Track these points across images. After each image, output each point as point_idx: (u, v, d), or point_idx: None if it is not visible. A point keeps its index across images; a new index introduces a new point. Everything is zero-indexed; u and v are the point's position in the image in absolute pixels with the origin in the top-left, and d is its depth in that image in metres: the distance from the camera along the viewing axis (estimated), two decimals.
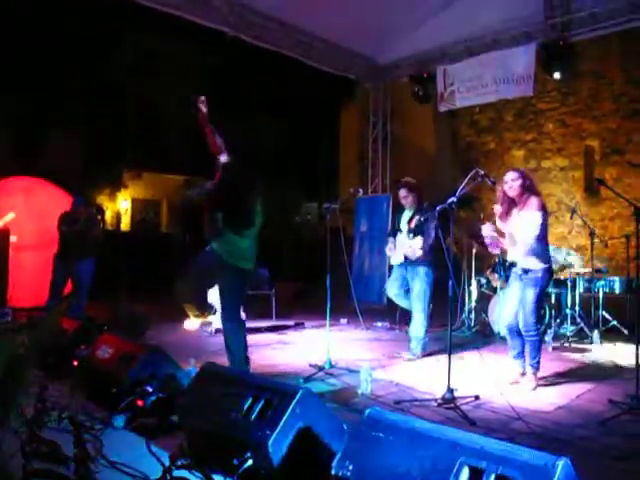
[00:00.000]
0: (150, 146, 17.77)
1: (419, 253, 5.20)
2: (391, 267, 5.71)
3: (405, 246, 5.33)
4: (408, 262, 5.33)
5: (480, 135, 12.51)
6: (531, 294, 4.27)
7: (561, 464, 1.71)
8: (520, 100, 10.39)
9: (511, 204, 4.36)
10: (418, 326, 5.37)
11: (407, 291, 5.45)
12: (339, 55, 9.08)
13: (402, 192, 5.52)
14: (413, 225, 5.28)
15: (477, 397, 3.95)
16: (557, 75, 7.65)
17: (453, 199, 3.96)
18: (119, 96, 17.51)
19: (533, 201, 4.25)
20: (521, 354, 4.46)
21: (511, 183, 4.28)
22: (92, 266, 6.26)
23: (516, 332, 4.44)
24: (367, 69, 9.76)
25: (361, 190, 6.84)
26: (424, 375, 4.72)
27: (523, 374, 4.45)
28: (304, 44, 8.48)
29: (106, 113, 16.87)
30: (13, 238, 7.31)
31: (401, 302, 5.59)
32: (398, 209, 5.69)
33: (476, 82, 8.42)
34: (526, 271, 4.31)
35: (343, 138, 15.08)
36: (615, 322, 6.63)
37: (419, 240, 5.23)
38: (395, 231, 5.57)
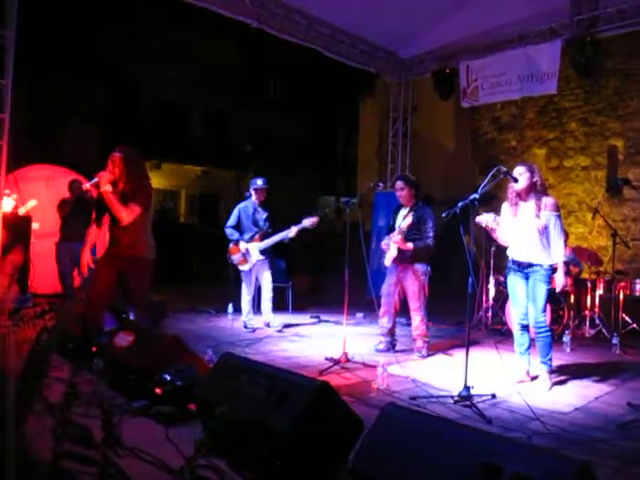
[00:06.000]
0: (169, 137, 17.90)
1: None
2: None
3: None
4: (401, 260, 5.30)
5: (501, 132, 12.37)
6: (542, 290, 4.27)
7: (580, 467, 1.70)
8: (542, 97, 10.26)
9: (519, 199, 4.35)
10: (421, 326, 5.36)
11: (400, 292, 5.43)
12: (360, 48, 9.04)
13: (398, 184, 5.45)
14: (406, 228, 5.21)
15: (494, 395, 3.94)
16: (582, 72, 7.55)
17: (475, 196, 3.94)
18: (139, 87, 17.66)
19: (550, 201, 4.25)
20: (528, 350, 4.46)
21: (519, 177, 4.27)
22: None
23: (526, 329, 4.44)
24: (388, 63, 9.70)
25: (381, 184, 6.82)
26: (440, 372, 4.71)
27: (528, 372, 4.44)
28: (326, 36, 8.45)
29: (126, 103, 17.03)
30: (35, 225, 7.43)
31: (390, 304, 5.55)
32: (396, 206, 5.65)
33: (500, 78, 8.34)
34: (534, 267, 4.29)
35: (362, 132, 15.04)
36: (635, 325, 6.56)
37: (409, 244, 5.21)
38: (391, 229, 5.53)
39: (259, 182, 6.59)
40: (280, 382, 2.41)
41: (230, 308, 7.21)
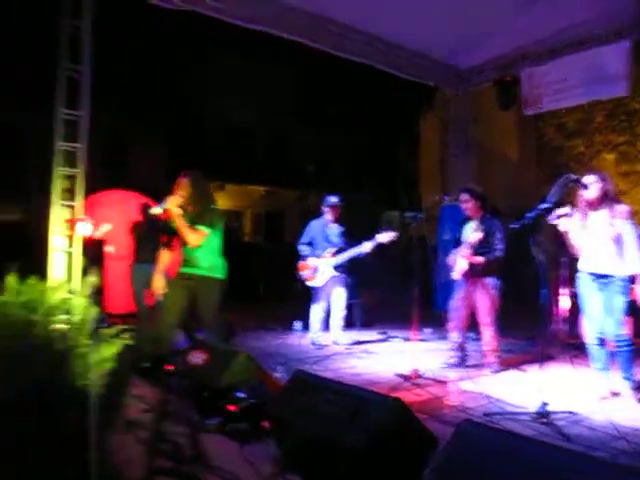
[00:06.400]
0: (233, 159, 18.36)
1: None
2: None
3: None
4: (471, 274, 5.20)
5: (568, 138, 12.02)
6: (620, 302, 4.11)
7: None
8: (611, 100, 9.90)
9: (590, 208, 4.20)
10: (492, 340, 5.22)
11: (469, 306, 5.33)
12: (417, 62, 9.00)
13: (463, 196, 5.37)
14: (474, 241, 5.12)
15: (572, 412, 3.79)
16: None
17: (547, 205, 3.84)
18: (201, 110, 18.23)
19: (624, 209, 4.10)
20: (607, 367, 4.26)
21: (589, 186, 4.13)
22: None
23: (602, 343, 4.26)
24: (446, 75, 9.63)
25: (447, 197, 6.75)
26: (513, 387, 4.58)
27: (609, 389, 4.24)
28: (381, 52, 8.48)
29: (190, 129, 17.62)
30: (109, 248, 7.77)
31: (460, 318, 5.44)
32: (463, 219, 5.55)
33: (563, 84, 8.12)
34: (609, 278, 4.12)
35: (423, 145, 14.94)
36: None
37: (479, 258, 5.11)
38: (458, 242, 5.43)
39: (332, 199, 6.62)
40: (352, 399, 2.41)
41: (297, 325, 7.25)
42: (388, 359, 5.81)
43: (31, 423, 2.25)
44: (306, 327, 6.71)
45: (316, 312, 6.55)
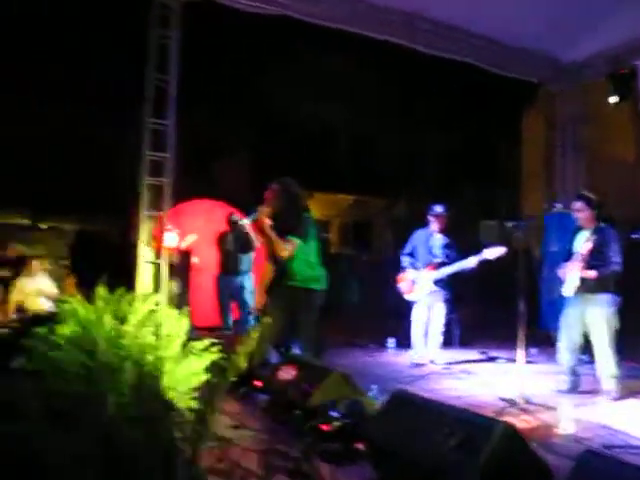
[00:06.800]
0: (319, 166, 18.56)
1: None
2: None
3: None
4: (584, 291, 4.95)
5: None
6: None
7: None
8: None
9: None
10: (609, 363, 4.94)
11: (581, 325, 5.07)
12: (518, 58, 8.76)
13: (578, 205, 5.12)
14: (586, 253, 4.88)
15: None
16: None
17: None
18: (287, 116, 18.59)
19: None
20: None
21: None
22: (251, 281, 6.90)
23: None
24: (551, 70, 9.31)
25: (558, 204, 6.50)
26: (636, 417, 4.31)
27: None
28: (478, 49, 8.33)
29: (274, 135, 18.02)
30: (195, 259, 8.04)
31: (573, 339, 5.18)
32: (575, 228, 5.29)
33: None
34: None
35: (525, 148, 14.48)
36: None
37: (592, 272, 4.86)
38: (568, 255, 5.18)
39: (437, 209, 6.57)
40: (460, 423, 2.36)
41: (390, 342, 7.21)
42: (490, 381, 5.65)
43: (125, 435, 2.35)
44: (400, 344, 6.65)
45: (416, 328, 6.49)
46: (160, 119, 6.36)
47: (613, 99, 8.46)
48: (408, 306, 6.60)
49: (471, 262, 6.17)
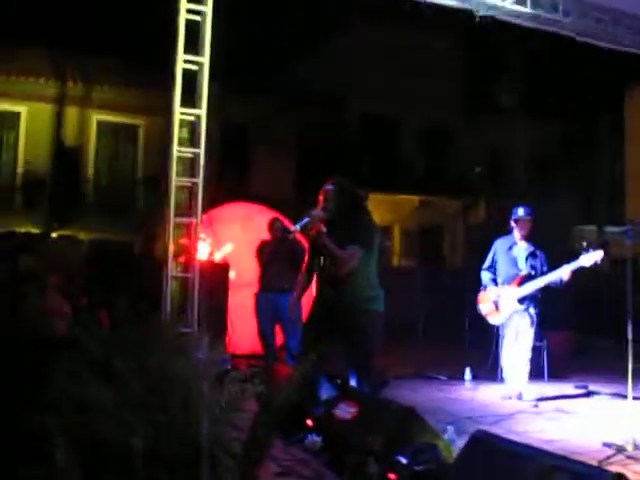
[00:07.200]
0: (377, 162, 18.57)
1: None
2: None
3: None
4: None
5: None
6: None
7: None
8: None
9: None
10: None
11: None
12: (629, 26, 8.49)
13: None
14: None
15: None
16: None
17: None
18: (339, 104, 18.71)
19: None
20: None
21: None
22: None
23: None
24: None
25: None
26: None
27: None
28: (577, 18, 8.12)
29: (322, 127, 18.13)
30: (231, 274, 8.00)
31: None
32: None
33: None
34: None
35: (630, 141, 14.16)
36: None
37: None
38: None
39: (520, 212, 6.55)
40: (559, 472, 2.32)
41: (468, 374, 7.16)
42: (591, 422, 5.55)
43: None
44: (477, 375, 6.59)
45: (506, 358, 6.46)
46: (190, 108, 6.43)
47: None
48: (489, 330, 6.52)
49: (565, 273, 6.07)
